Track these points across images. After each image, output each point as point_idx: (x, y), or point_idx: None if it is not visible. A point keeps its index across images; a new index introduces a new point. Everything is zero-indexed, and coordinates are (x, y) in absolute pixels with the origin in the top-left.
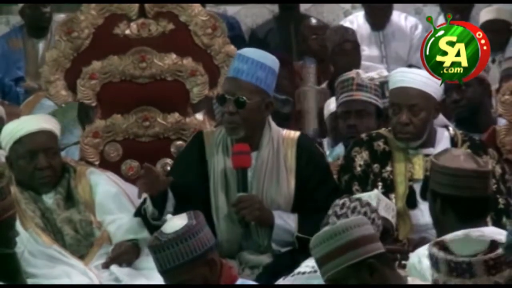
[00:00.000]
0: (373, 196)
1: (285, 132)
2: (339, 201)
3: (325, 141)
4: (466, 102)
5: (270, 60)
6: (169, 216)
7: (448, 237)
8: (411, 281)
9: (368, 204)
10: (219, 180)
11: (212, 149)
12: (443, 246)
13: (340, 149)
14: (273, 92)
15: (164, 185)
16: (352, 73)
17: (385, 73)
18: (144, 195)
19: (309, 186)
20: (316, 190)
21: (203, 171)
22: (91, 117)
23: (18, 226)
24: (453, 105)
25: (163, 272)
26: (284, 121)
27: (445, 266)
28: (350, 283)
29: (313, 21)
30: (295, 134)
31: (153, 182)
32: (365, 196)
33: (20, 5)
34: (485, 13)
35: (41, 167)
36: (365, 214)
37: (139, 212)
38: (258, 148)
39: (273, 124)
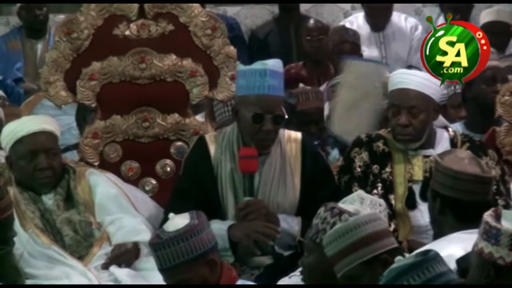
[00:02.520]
0: (355, 197)
1: (286, 132)
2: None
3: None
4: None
5: (281, 65)
6: (171, 215)
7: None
8: None
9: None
10: (227, 183)
11: (218, 153)
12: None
13: (335, 152)
14: None
15: None
16: (340, 77)
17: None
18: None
19: (313, 187)
20: (319, 191)
21: (211, 175)
22: (87, 120)
23: (18, 227)
24: None
25: (162, 270)
26: (291, 112)
27: (509, 240)
28: (364, 279)
29: (311, 22)
30: (297, 135)
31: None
32: (347, 199)
33: (18, 5)
34: (485, 15)
35: (42, 167)
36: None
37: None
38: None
39: None
